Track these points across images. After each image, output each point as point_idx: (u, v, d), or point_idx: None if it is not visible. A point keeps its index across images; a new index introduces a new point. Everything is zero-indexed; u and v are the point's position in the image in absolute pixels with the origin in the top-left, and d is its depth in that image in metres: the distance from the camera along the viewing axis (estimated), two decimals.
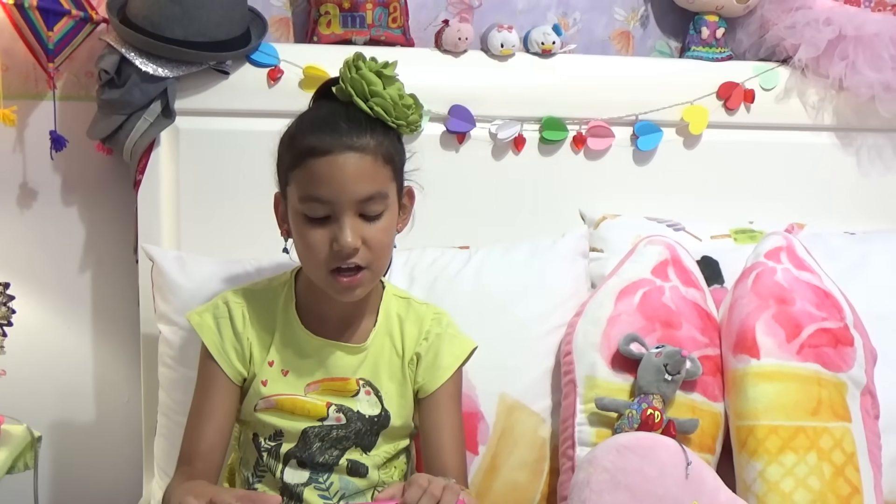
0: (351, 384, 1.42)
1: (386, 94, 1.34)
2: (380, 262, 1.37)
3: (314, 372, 1.42)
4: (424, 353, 1.44)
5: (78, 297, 1.94)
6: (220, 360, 1.41)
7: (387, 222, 1.35)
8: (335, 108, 1.35)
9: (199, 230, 1.83)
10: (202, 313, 1.44)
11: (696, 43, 2.02)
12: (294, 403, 1.41)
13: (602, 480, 1.42)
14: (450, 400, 1.45)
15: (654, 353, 1.55)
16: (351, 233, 1.31)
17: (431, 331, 1.46)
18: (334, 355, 1.42)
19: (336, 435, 1.41)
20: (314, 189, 1.31)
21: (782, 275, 1.62)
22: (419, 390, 1.45)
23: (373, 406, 1.42)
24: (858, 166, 2.08)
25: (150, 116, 1.76)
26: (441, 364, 1.44)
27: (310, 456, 1.41)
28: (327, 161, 1.30)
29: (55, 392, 1.96)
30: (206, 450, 1.38)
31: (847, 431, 1.53)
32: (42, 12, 1.70)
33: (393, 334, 1.45)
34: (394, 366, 1.44)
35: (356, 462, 1.42)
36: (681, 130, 1.99)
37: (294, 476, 1.41)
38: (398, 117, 1.35)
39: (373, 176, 1.32)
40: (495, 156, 1.94)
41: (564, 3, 2.04)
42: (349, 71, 1.35)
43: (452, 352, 1.46)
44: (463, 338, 1.48)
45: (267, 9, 1.91)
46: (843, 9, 2.01)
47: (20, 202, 1.90)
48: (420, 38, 1.94)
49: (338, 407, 1.41)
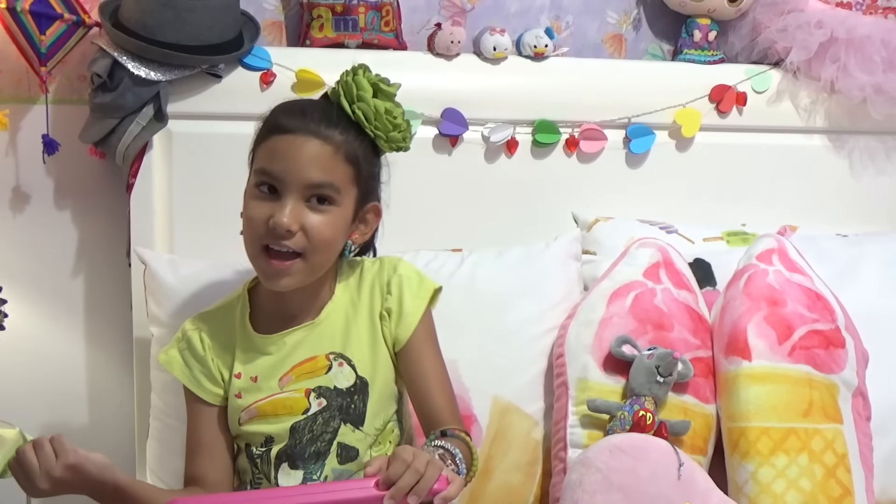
0: (320, 361, 1.41)
1: (372, 102, 1.35)
2: (317, 256, 1.35)
3: (282, 365, 1.41)
4: (392, 304, 1.43)
5: (71, 301, 1.93)
6: (195, 389, 1.43)
7: (333, 217, 1.35)
8: (320, 102, 1.39)
9: (192, 233, 1.83)
10: (168, 350, 1.46)
11: (688, 46, 2.03)
12: (275, 404, 1.40)
13: (594, 481, 1.42)
14: (426, 344, 1.43)
15: (646, 355, 1.55)
16: (290, 214, 1.31)
17: (391, 281, 1.43)
18: (295, 340, 1.41)
19: (322, 420, 1.40)
20: (268, 162, 1.33)
21: (774, 277, 1.63)
22: (395, 343, 1.43)
23: (347, 377, 1.40)
24: (850, 169, 2.09)
25: (142, 120, 1.76)
26: (408, 311, 1.42)
27: (301, 450, 1.40)
28: (287, 139, 1.33)
29: (48, 396, 1.95)
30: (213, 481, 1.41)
31: (838, 433, 1.54)
32: (34, 16, 1.70)
33: (354, 300, 1.44)
34: (362, 329, 1.42)
35: (346, 446, 1.40)
36: (673, 133, 1.99)
37: (288, 479, 1.40)
38: (378, 127, 1.36)
39: (329, 167, 1.33)
40: (488, 159, 1.94)
41: (557, 7, 2.05)
42: (346, 75, 1.38)
43: (416, 295, 1.43)
44: (424, 279, 1.46)
45: (259, 12, 1.92)
46: (834, 12, 2.02)
47: (12, 206, 1.89)
48: (412, 42, 1.94)
49: (317, 392, 1.40)
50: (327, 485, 1.34)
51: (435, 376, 1.42)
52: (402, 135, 1.40)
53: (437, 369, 1.43)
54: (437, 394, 1.41)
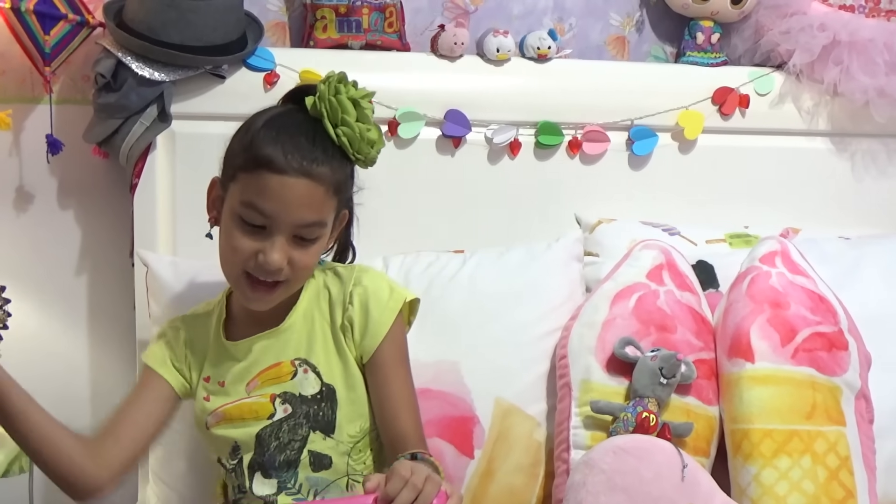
0: (285, 367, 1.40)
1: (355, 126, 1.34)
2: (299, 281, 1.38)
3: (249, 370, 1.41)
4: (355, 315, 1.40)
5: (74, 301, 1.94)
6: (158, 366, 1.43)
7: (318, 247, 1.37)
8: (302, 123, 1.35)
9: (195, 233, 1.81)
10: (150, 347, 1.48)
11: (691, 48, 2.03)
12: (241, 408, 1.40)
13: (598, 482, 1.43)
14: (394, 361, 1.40)
15: (650, 357, 1.55)
16: (279, 253, 1.31)
17: (353, 292, 1.41)
18: (261, 347, 1.41)
19: (287, 427, 1.39)
20: (259, 200, 1.31)
21: (777, 279, 1.63)
22: (362, 355, 1.41)
23: (312, 384, 1.39)
24: (853, 171, 2.08)
25: (146, 120, 1.76)
26: (374, 321, 1.39)
27: (270, 458, 1.39)
28: (280, 180, 1.30)
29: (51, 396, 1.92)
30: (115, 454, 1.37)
31: (841, 435, 1.54)
32: (39, 16, 1.70)
33: (321, 306, 1.43)
34: (327, 337, 1.41)
35: (318, 454, 1.39)
36: (676, 135, 1.99)
37: (263, 488, 1.40)
38: (358, 151, 1.36)
39: (319, 206, 1.33)
40: (491, 160, 1.94)
41: (560, 9, 2.05)
42: (328, 91, 1.34)
43: (384, 307, 1.40)
44: (395, 290, 1.43)
45: (263, 13, 1.92)
46: (837, 14, 2.02)
47: (16, 206, 1.89)
48: (416, 43, 1.94)
49: (282, 398, 1.39)
50: (326, 502, 1.35)
51: (402, 396, 1.40)
52: (377, 150, 1.39)
53: (403, 388, 1.41)
54: (404, 415, 1.39)
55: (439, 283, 1.71)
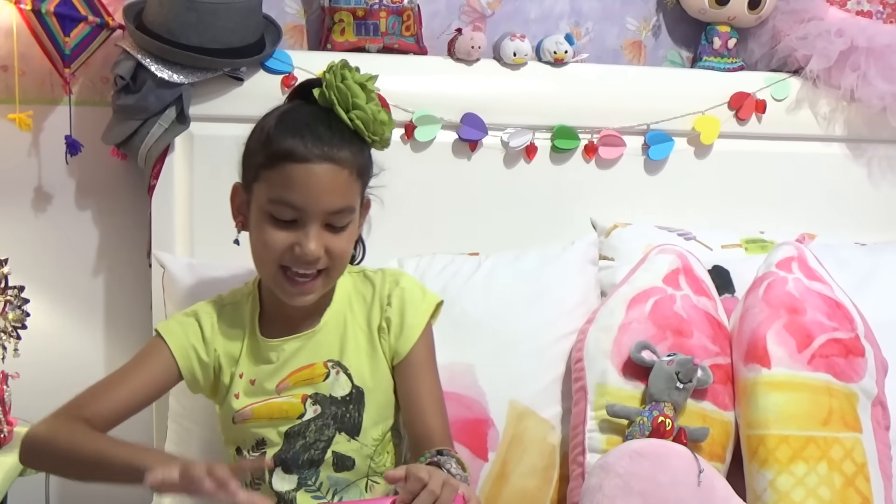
0: (318, 368, 1.41)
1: (367, 108, 1.34)
2: (337, 270, 1.38)
3: (281, 371, 1.41)
4: (393, 316, 1.42)
5: (91, 301, 1.95)
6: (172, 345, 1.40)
7: (350, 232, 1.37)
8: (315, 112, 1.35)
9: (213, 235, 1.83)
10: (169, 321, 1.46)
11: (707, 53, 2.03)
12: (270, 408, 1.40)
13: (614, 486, 1.43)
14: (424, 361, 1.43)
15: (666, 361, 1.55)
16: (316, 242, 1.31)
17: (392, 293, 1.43)
18: (293, 348, 1.41)
19: (315, 427, 1.40)
20: (286, 193, 1.31)
21: (793, 285, 1.62)
22: (394, 356, 1.42)
23: (343, 386, 1.40)
24: (869, 177, 2.08)
25: (164, 122, 1.77)
26: (409, 324, 1.42)
27: (294, 456, 1.39)
28: (304, 168, 1.30)
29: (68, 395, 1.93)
30: (103, 412, 1.34)
31: (858, 442, 1.54)
32: (59, 18, 1.72)
33: (354, 309, 1.44)
34: (360, 340, 1.42)
35: (341, 455, 1.40)
36: (692, 140, 1.99)
37: (283, 483, 1.40)
38: (374, 132, 1.36)
39: (346, 190, 1.33)
40: (507, 164, 1.94)
41: (577, 13, 2.05)
42: (335, 79, 1.35)
43: (418, 309, 1.43)
44: (427, 293, 1.46)
45: (281, 16, 1.93)
46: (854, 20, 2.01)
47: (35, 206, 1.91)
48: (433, 47, 1.95)
49: (312, 398, 1.40)
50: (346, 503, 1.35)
51: (431, 395, 1.42)
52: (389, 131, 1.39)
53: (433, 388, 1.43)
54: (432, 414, 1.40)
55: (454, 286, 1.71)
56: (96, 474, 1.27)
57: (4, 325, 1.73)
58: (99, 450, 1.26)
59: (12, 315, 1.73)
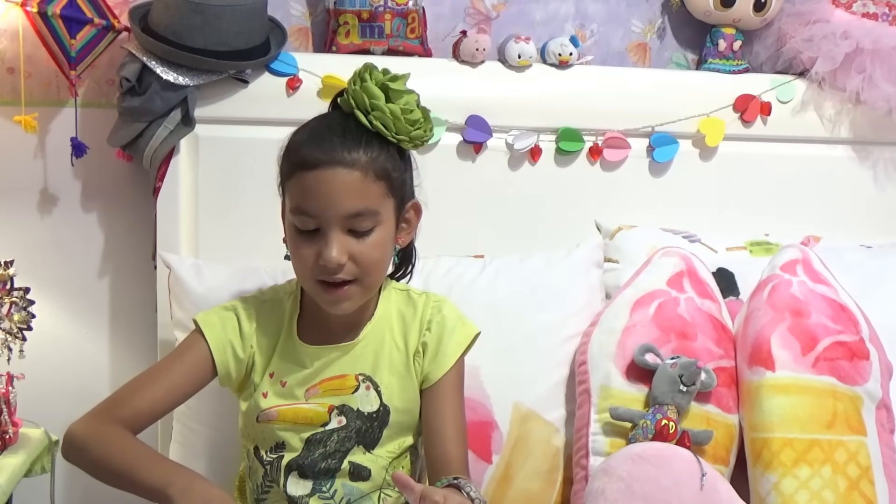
0: (349, 380, 1.41)
1: (387, 108, 1.33)
2: (370, 278, 1.36)
3: (312, 378, 1.42)
4: (430, 342, 1.43)
5: (96, 303, 1.95)
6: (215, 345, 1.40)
7: (378, 238, 1.34)
8: (335, 119, 1.36)
9: (217, 237, 1.84)
10: (208, 314, 1.45)
11: (712, 55, 2.02)
12: (296, 413, 1.41)
13: (617, 489, 1.43)
14: (453, 389, 1.43)
15: (670, 364, 1.55)
16: (336, 248, 1.31)
17: (433, 319, 1.44)
18: (331, 357, 1.42)
19: (338, 437, 1.40)
20: (303, 202, 1.32)
21: (798, 287, 1.62)
22: (424, 380, 1.43)
23: (372, 402, 1.41)
24: (875, 180, 2.08)
25: (170, 124, 1.77)
26: (445, 351, 1.42)
27: (312, 463, 1.40)
28: (315, 175, 1.30)
29: (73, 396, 1.95)
30: (140, 411, 1.34)
31: (862, 445, 1.53)
32: (65, 20, 1.72)
33: (393, 328, 1.44)
34: (395, 359, 1.43)
35: (358, 465, 1.40)
36: (697, 142, 1.99)
37: (297, 488, 1.40)
38: (399, 132, 1.34)
39: (361, 192, 1.31)
40: (511, 166, 1.94)
41: (582, 15, 2.05)
42: (354, 83, 1.35)
43: (455, 339, 1.43)
44: (466, 324, 1.46)
45: (286, 19, 1.93)
46: (860, 22, 2.01)
47: (41, 208, 1.91)
48: (438, 49, 1.95)
49: (339, 409, 1.40)
50: None
51: (453, 423, 1.41)
52: (423, 129, 1.38)
53: (457, 416, 1.43)
54: (453, 441, 1.40)
55: (459, 288, 1.71)
56: (125, 487, 1.27)
57: (10, 326, 1.73)
58: (129, 465, 1.26)
59: (18, 316, 1.74)
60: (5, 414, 1.70)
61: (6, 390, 1.71)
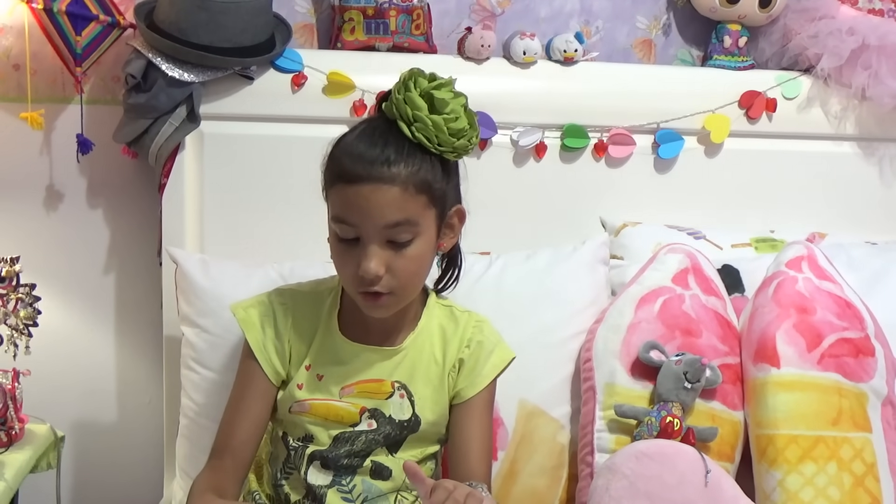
0: (385, 386, 1.42)
1: (430, 119, 1.31)
2: (406, 290, 1.37)
3: (350, 377, 1.43)
4: (467, 359, 1.45)
5: (102, 299, 1.96)
6: (261, 358, 1.42)
7: (417, 249, 1.34)
8: (379, 128, 1.34)
9: (223, 234, 1.84)
10: (248, 308, 1.45)
11: (718, 51, 2.02)
12: (328, 409, 1.42)
13: (621, 487, 1.43)
14: (483, 408, 1.45)
15: (674, 361, 1.55)
16: (374, 261, 1.31)
17: (473, 338, 1.46)
18: (370, 359, 1.43)
19: (365, 439, 1.42)
20: (343, 213, 1.32)
21: (803, 284, 1.62)
22: (455, 396, 1.45)
23: (405, 410, 1.43)
24: (880, 176, 2.07)
25: (175, 121, 1.78)
26: (481, 372, 1.44)
27: (335, 458, 1.42)
28: (354, 190, 1.30)
29: (78, 392, 1.97)
30: (237, 445, 1.40)
31: (867, 442, 1.53)
32: (71, 17, 1.72)
33: (433, 341, 1.45)
34: (431, 372, 1.44)
35: (380, 464, 1.43)
36: (702, 139, 1.99)
37: (317, 478, 1.42)
38: (441, 143, 1.32)
39: (400, 205, 1.30)
40: (517, 162, 1.94)
41: (587, 12, 2.05)
42: (399, 91, 1.33)
43: (493, 361, 1.45)
44: (503, 347, 1.48)
45: (292, 15, 1.93)
46: (866, 19, 2.00)
47: (46, 204, 1.92)
48: (443, 45, 1.95)
49: (370, 413, 1.42)
50: None
51: (480, 441, 1.43)
52: (468, 138, 1.36)
53: (484, 436, 1.44)
54: (477, 458, 1.42)
55: (465, 285, 1.69)
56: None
57: (16, 322, 1.73)
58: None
59: (24, 313, 1.74)
60: (11, 410, 1.71)
61: (12, 386, 1.72)
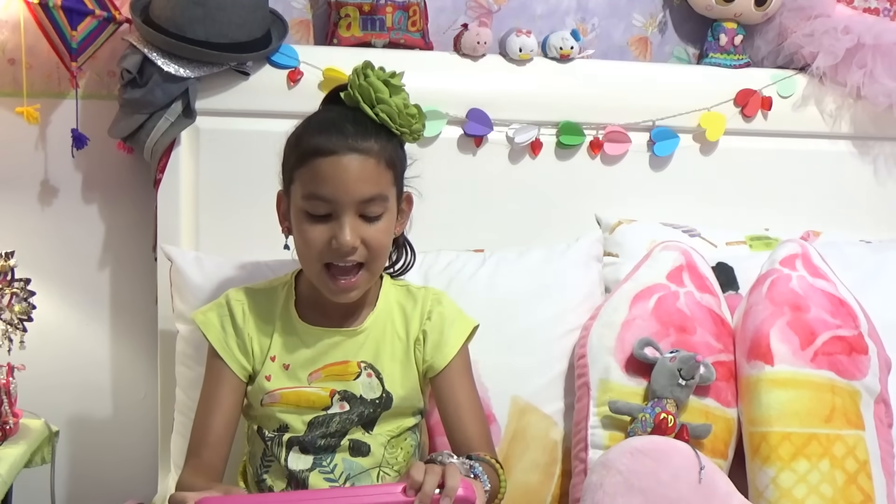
0: (352, 367, 1.45)
1: (392, 101, 1.38)
2: (376, 263, 1.41)
3: (316, 361, 1.45)
4: (430, 331, 1.47)
5: (97, 294, 1.96)
6: (224, 355, 1.45)
7: (385, 224, 1.39)
8: (342, 111, 1.40)
9: (218, 229, 1.84)
10: (206, 312, 1.48)
11: (714, 50, 2.03)
12: (299, 396, 1.44)
13: (615, 483, 1.43)
14: (461, 374, 1.48)
15: (669, 358, 1.56)
16: (350, 232, 1.35)
17: (434, 310, 1.48)
18: (333, 341, 1.45)
19: (339, 420, 1.44)
20: (318, 187, 1.35)
21: (797, 282, 1.62)
22: (428, 369, 1.47)
23: (374, 389, 1.45)
24: (875, 175, 2.08)
25: (171, 116, 1.77)
26: (447, 342, 1.47)
27: (312, 440, 1.44)
28: (332, 161, 1.34)
29: (73, 388, 1.97)
30: (213, 440, 1.42)
31: (860, 439, 1.54)
32: (66, 12, 1.72)
33: (394, 319, 1.48)
34: (396, 348, 1.47)
35: (358, 441, 1.44)
36: (697, 137, 1.99)
37: (298, 462, 1.44)
38: (402, 125, 1.40)
39: (375, 178, 1.36)
40: (512, 160, 1.94)
41: (583, 9, 2.05)
42: (357, 78, 1.39)
43: (456, 330, 1.48)
44: (464, 316, 1.51)
45: (288, 11, 1.93)
46: (861, 17, 2.01)
47: (41, 199, 1.92)
48: (439, 42, 1.95)
49: (341, 395, 1.44)
50: (355, 489, 1.37)
51: (467, 405, 1.46)
52: (420, 123, 1.43)
53: (469, 398, 1.47)
54: (470, 422, 1.45)
55: (459, 282, 1.71)
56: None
57: (11, 317, 1.73)
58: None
59: (18, 307, 1.74)
60: (6, 405, 1.71)
61: (7, 381, 1.72)
